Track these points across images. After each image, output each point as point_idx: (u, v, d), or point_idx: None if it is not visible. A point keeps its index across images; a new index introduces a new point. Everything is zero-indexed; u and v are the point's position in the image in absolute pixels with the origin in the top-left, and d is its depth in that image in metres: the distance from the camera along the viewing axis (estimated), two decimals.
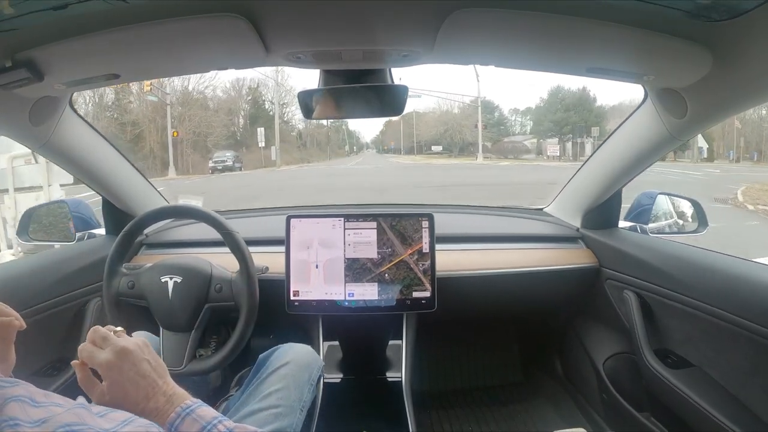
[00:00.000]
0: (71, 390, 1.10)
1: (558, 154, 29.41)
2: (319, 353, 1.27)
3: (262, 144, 27.28)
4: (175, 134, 22.70)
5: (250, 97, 33.08)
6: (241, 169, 23.30)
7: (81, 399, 0.54)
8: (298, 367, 0.96)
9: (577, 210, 1.45)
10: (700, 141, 25.33)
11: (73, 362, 0.60)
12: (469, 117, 38.47)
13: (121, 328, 0.65)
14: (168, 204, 1.42)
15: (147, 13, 0.65)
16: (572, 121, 32.36)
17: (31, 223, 1.36)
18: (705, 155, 27.02)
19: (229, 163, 22.43)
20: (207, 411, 0.57)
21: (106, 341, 0.60)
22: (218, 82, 32.01)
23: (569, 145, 30.78)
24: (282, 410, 0.86)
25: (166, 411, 0.56)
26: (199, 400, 0.59)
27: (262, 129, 27.87)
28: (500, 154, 34.60)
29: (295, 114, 37.46)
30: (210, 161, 22.99)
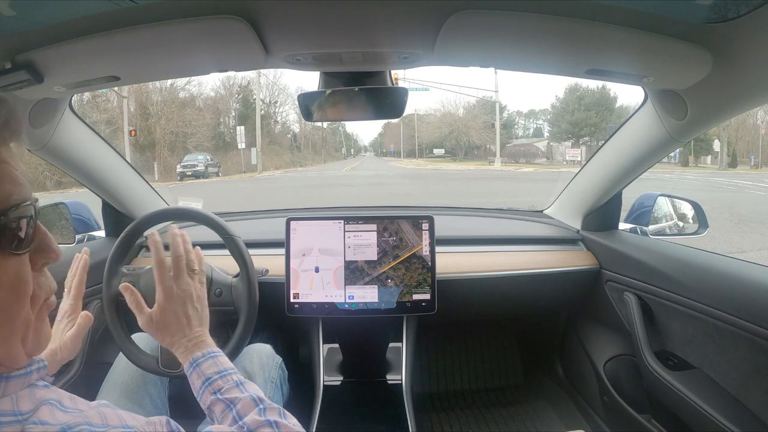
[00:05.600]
0: (70, 392, 1.09)
1: (579, 159, 26.90)
2: (318, 356, 1.27)
3: (241, 145, 24.24)
4: (133, 133, 20.28)
5: (240, 96, 31.24)
6: (218, 175, 20.82)
7: (104, 401, 0.55)
8: (252, 369, 1.03)
9: (577, 212, 1.45)
10: (715, 145, 24.98)
11: (123, 285, 0.75)
12: (475, 118, 36.86)
13: (199, 268, 0.75)
14: (169, 206, 1.42)
15: (147, 16, 0.65)
16: (592, 122, 30.86)
17: None
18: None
19: (201, 167, 19.58)
20: (227, 361, 0.67)
21: (180, 274, 0.72)
22: (206, 78, 29.29)
23: (584, 149, 29.09)
24: None
25: (191, 350, 0.68)
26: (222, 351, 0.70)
27: (242, 128, 24.78)
28: (511, 158, 32.85)
29: (290, 114, 36.24)
30: (178, 166, 19.88)
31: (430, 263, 1.18)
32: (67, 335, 0.80)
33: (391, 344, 1.33)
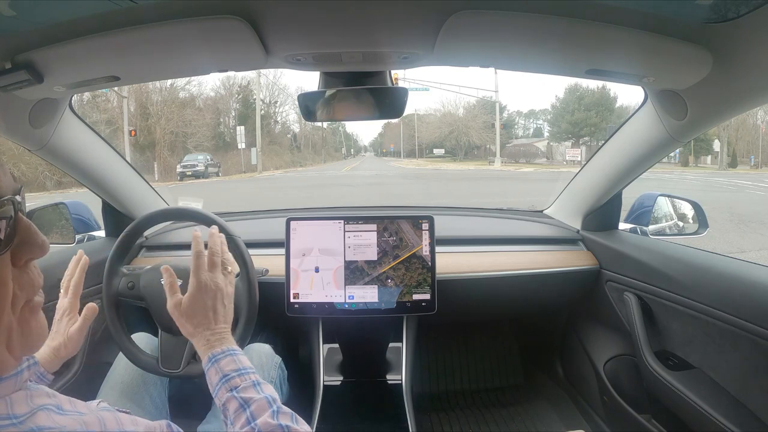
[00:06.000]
0: (70, 391, 1.09)
1: (579, 159, 26.80)
2: (318, 356, 1.27)
3: (241, 145, 24.33)
4: (133, 133, 20.33)
5: (240, 96, 31.29)
6: (218, 175, 20.92)
7: (104, 404, 0.55)
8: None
9: (577, 212, 1.45)
10: (715, 145, 24.97)
11: (164, 267, 0.76)
12: (475, 118, 36.89)
13: (232, 269, 0.77)
14: (168, 206, 1.42)
15: (147, 16, 0.65)
16: (592, 122, 30.89)
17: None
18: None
19: (201, 167, 19.60)
20: (246, 360, 0.67)
21: (215, 269, 0.74)
22: (206, 78, 29.25)
23: (584, 149, 29.12)
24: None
25: (213, 345, 0.68)
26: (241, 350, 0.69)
27: (242, 128, 24.85)
28: (511, 158, 32.90)
29: (290, 114, 36.17)
30: (179, 166, 19.90)
31: (430, 263, 1.18)
32: (71, 330, 0.81)
33: (391, 344, 1.33)
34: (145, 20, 0.65)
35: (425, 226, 1.19)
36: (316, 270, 1.19)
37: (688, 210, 1.40)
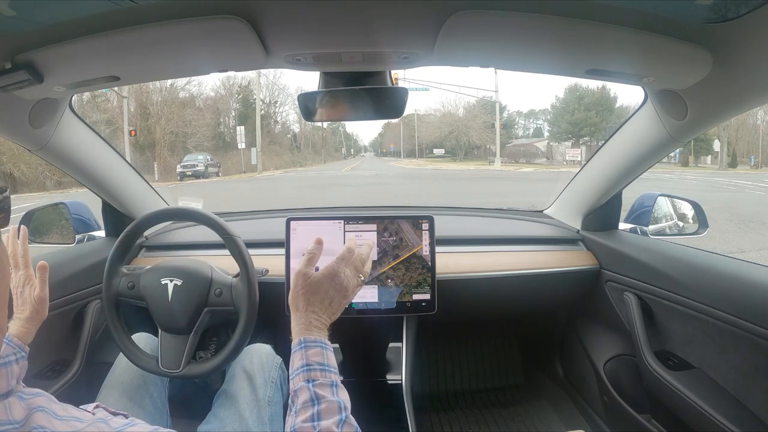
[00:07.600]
0: (70, 392, 1.10)
1: (579, 159, 26.79)
2: None
3: (241, 145, 24.31)
4: (133, 133, 20.35)
5: (240, 96, 31.30)
6: (218, 175, 20.96)
7: (101, 412, 0.55)
8: (252, 369, 1.04)
9: (577, 212, 1.45)
10: (715, 145, 24.98)
11: (318, 238, 0.76)
12: (475, 118, 36.90)
13: (362, 279, 0.77)
14: (168, 206, 1.42)
15: (147, 16, 0.65)
16: (592, 122, 30.91)
17: (30, 225, 1.36)
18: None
19: (201, 167, 19.61)
20: (334, 359, 0.66)
21: (354, 271, 0.75)
22: (206, 78, 29.32)
23: (584, 149, 29.16)
24: (246, 413, 0.95)
25: (310, 330, 0.68)
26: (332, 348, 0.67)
27: (242, 128, 24.83)
28: (511, 158, 32.95)
29: (290, 114, 36.19)
30: (178, 165, 19.93)
31: (430, 263, 1.18)
32: (35, 294, 0.80)
33: (391, 344, 1.33)
34: (145, 20, 0.65)
35: (425, 226, 1.19)
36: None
37: (688, 210, 1.40)
